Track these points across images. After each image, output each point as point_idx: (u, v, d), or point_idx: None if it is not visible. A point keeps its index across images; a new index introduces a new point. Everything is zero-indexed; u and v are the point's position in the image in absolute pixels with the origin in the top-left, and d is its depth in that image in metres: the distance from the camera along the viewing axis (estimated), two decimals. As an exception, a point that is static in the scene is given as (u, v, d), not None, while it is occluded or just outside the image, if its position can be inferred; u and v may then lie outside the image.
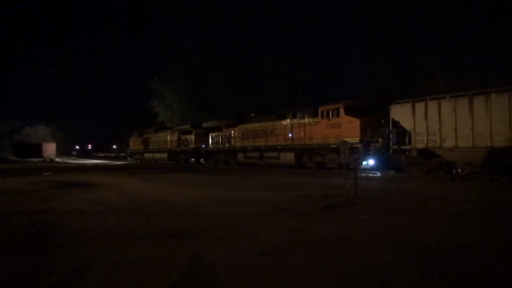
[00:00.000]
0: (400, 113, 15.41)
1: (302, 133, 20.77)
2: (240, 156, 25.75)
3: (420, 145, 14.77)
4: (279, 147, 22.34)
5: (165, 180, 14.49)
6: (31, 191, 11.43)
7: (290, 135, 21.63)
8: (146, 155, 39.01)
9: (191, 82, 45.15)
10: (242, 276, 3.68)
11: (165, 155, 35.37)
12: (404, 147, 15.35)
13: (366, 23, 29.13)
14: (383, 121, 16.41)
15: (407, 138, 15.29)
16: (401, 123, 15.41)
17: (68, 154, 68.48)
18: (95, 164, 34.41)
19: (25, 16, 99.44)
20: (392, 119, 15.74)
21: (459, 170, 13.24)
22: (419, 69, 26.42)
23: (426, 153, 14.84)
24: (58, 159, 47.57)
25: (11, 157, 51.17)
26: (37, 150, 50.44)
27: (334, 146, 18.01)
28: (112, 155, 67.18)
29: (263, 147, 23.60)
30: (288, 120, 21.92)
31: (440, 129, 14.14)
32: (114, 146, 72.85)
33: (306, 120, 20.58)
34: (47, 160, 45.30)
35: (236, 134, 26.18)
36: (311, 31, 35.99)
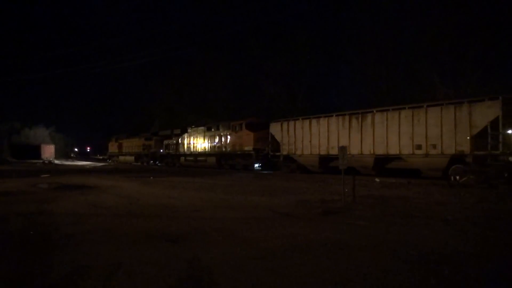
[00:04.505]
0: (275, 129, 21.21)
1: (221, 142, 26.20)
2: (182, 159, 31.61)
3: (285, 152, 20.45)
4: (207, 153, 27.99)
5: (163, 183, 14.49)
6: (29, 192, 11.42)
7: (214, 143, 27.04)
8: (120, 157, 44.35)
9: (191, 85, 45.17)
10: (240, 280, 3.69)
11: (133, 157, 40.99)
12: (277, 153, 21.04)
13: (366, 29, 29.29)
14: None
15: (282, 147, 20.52)
16: (275, 136, 21.18)
17: (67, 156, 68.26)
18: (94, 167, 34.38)
19: (25, 16, 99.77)
20: (271, 133, 21.48)
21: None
22: (418, 76, 26.51)
23: (289, 158, 20.40)
24: (56, 161, 47.50)
25: (9, 158, 50.97)
26: (35, 152, 50.39)
27: (239, 153, 24.20)
28: None
29: (196, 153, 29.44)
30: (213, 131, 27.22)
31: (295, 141, 19.72)
32: None
33: (224, 132, 25.83)
34: (46, 162, 45.22)
35: (180, 142, 31.71)
36: (311, 35, 35.84)
